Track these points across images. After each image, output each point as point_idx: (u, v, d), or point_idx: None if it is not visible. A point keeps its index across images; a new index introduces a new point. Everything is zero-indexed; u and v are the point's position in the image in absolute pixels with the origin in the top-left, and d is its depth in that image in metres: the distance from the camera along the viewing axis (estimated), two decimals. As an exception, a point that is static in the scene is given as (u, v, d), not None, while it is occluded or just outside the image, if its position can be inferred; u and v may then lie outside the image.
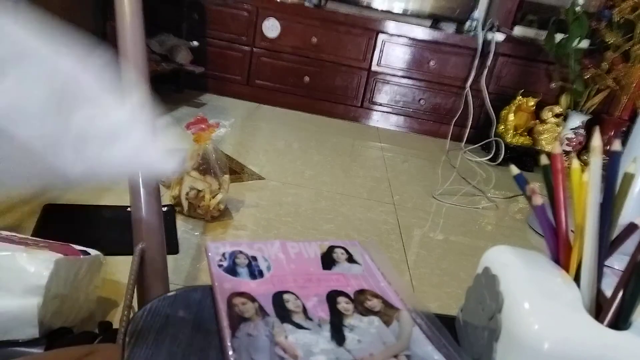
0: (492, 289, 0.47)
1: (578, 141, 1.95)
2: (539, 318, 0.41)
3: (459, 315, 0.63)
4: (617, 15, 1.77)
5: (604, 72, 1.84)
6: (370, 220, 1.09)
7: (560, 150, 0.46)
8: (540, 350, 0.39)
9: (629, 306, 0.41)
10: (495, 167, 1.84)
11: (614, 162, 0.41)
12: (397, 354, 0.48)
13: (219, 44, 2.08)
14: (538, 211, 0.46)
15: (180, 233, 0.86)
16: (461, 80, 2.08)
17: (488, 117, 2.04)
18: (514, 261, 0.48)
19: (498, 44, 1.97)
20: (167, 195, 0.96)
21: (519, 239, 1.18)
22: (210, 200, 0.91)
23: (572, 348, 0.39)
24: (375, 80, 2.13)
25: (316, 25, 2.04)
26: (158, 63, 1.75)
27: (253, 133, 1.68)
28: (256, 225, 0.96)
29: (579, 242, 0.43)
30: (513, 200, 1.46)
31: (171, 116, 1.66)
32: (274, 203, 1.09)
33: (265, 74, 2.12)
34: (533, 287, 0.44)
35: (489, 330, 0.46)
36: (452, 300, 0.79)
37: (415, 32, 2.04)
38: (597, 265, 0.42)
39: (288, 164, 1.40)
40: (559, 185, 0.44)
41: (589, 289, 0.43)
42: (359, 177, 1.42)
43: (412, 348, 0.49)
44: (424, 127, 2.18)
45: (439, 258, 0.97)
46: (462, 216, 1.25)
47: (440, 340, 0.52)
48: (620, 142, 0.43)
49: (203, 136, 0.93)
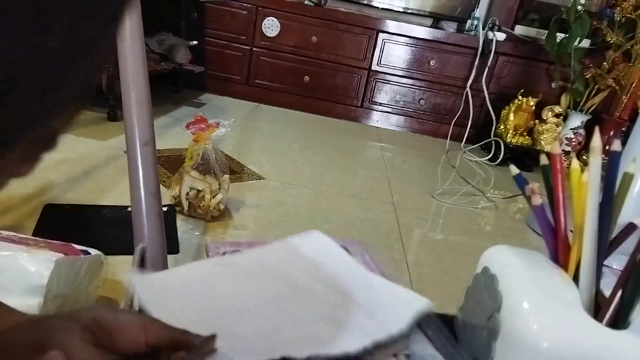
0: (491, 288, 0.47)
1: (578, 141, 1.95)
2: (538, 317, 0.41)
3: (458, 315, 0.63)
4: (619, 14, 1.77)
5: (604, 71, 1.84)
6: (370, 220, 1.09)
7: (559, 150, 0.46)
8: (539, 349, 0.39)
9: (627, 306, 0.41)
10: (494, 167, 1.84)
11: (614, 162, 0.41)
12: (396, 353, 0.48)
13: (218, 43, 2.08)
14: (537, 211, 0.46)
15: (181, 233, 0.86)
16: (461, 80, 2.08)
17: (488, 117, 2.04)
18: (513, 261, 0.48)
19: (499, 43, 1.97)
20: (167, 195, 0.96)
21: (518, 239, 1.18)
22: (211, 200, 0.92)
23: (571, 347, 0.39)
24: (375, 79, 2.13)
25: (316, 24, 2.04)
26: (157, 62, 1.75)
27: (253, 133, 1.68)
28: (256, 225, 0.96)
29: (578, 242, 0.43)
30: (512, 200, 1.46)
31: (171, 116, 1.66)
32: (274, 203, 1.09)
33: (265, 74, 2.12)
34: (532, 286, 0.44)
35: (488, 329, 0.46)
36: (452, 300, 0.79)
37: (415, 31, 2.04)
38: (596, 265, 0.42)
39: (288, 163, 1.40)
40: (558, 185, 0.44)
41: (588, 288, 0.43)
42: (359, 177, 1.42)
43: (412, 347, 0.49)
44: (424, 127, 2.18)
45: (438, 258, 0.97)
46: (461, 216, 1.25)
47: (439, 339, 0.53)
48: (620, 142, 0.43)
49: (203, 136, 0.93)
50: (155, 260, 0.61)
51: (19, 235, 0.63)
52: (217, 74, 2.12)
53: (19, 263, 0.53)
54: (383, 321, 0.43)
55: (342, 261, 0.56)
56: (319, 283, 0.50)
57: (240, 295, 0.46)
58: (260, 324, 0.41)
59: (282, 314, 0.43)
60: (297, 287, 0.49)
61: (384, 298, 0.48)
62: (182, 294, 0.44)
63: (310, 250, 0.57)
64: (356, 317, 0.44)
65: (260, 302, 0.45)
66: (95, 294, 0.64)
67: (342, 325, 0.42)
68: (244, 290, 0.46)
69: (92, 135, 1.28)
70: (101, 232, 0.79)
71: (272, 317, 0.43)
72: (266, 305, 0.44)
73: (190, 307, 0.42)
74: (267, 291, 0.47)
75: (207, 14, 2.04)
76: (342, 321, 0.43)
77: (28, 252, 0.55)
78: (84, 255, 0.63)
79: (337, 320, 0.43)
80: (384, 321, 0.43)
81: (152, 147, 0.63)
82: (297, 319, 0.43)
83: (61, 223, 0.79)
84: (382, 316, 0.44)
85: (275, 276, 0.50)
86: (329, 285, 0.50)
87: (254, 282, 0.48)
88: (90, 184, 0.98)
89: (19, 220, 0.78)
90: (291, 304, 0.45)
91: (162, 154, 1.24)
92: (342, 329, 0.41)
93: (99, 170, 1.06)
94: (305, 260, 0.55)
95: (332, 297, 0.47)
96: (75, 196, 0.91)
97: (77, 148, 1.16)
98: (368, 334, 0.41)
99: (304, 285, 0.49)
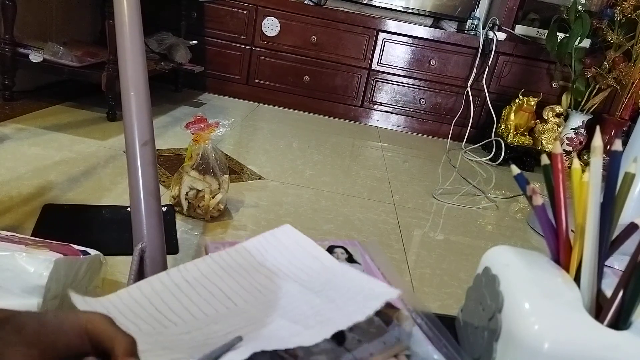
0: (492, 289, 0.47)
1: (579, 141, 1.94)
2: (539, 318, 0.41)
3: (459, 315, 0.63)
4: (619, 14, 1.76)
5: (605, 71, 1.84)
6: (370, 220, 1.09)
7: (560, 150, 0.46)
8: (541, 350, 0.39)
9: (629, 306, 0.41)
10: (495, 167, 1.83)
11: (615, 162, 0.41)
12: (397, 353, 0.48)
13: (218, 42, 2.08)
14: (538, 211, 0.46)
15: (180, 233, 0.86)
16: (462, 79, 2.08)
17: (489, 117, 2.04)
18: (514, 261, 0.48)
19: (499, 43, 1.97)
20: (166, 195, 0.96)
21: (519, 239, 1.18)
22: (210, 200, 0.91)
23: (573, 348, 0.39)
24: (376, 79, 2.13)
25: (316, 24, 2.04)
26: (157, 62, 1.74)
27: (252, 133, 1.68)
28: (256, 225, 0.96)
29: (579, 242, 0.42)
30: (513, 200, 1.45)
31: (170, 116, 1.66)
32: (273, 203, 1.08)
33: (264, 73, 2.12)
34: (533, 287, 0.44)
35: (489, 330, 0.46)
36: (453, 301, 0.79)
37: (416, 30, 2.04)
38: (597, 266, 0.42)
39: (288, 163, 1.40)
40: (559, 185, 0.44)
41: (589, 289, 0.42)
42: (359, 177, 1.42)
43: (413, 348, 0.49)
44: (425, 127, 2.18)
45: (439, 258, 0.97)
46: (462, 216, 1.25)
47: (440, 340, 0.52)
48: (620, 142, 0.42)
49: (202, 136, 0.93)
50: (154, 260, 0.61)
51: (18, 235, 0.62)
52: (217, 73, 2.11)
53: (18, 263, 0.53)
54: (350, 313, 0.43)
55: (313, 254, 0.56)
56: (289, 279, 0.50)
57: (199, 302, 0.45)
58: (215, 329, 0.41)
59: (242, 317, 0.43)
60: (264, 286, 0.49)
61: (355, 290, 0.48)
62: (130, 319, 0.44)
63: (281, 246, 0.56)
64: (324, 313, 0.44)
65: (219, 308, 0.45)
66: (94, 294, 0.63)
67: (308, 322, 0.42)
68: (204, 298, 0.46)
69: (92, 135, 1.27)
70: (100, 233, 0.79)
71: (230, 323, 0.42)
72: (227, 311, 0.44)
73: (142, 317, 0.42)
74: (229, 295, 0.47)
75: (206, 14, 2.04)
76: (307, 317, 0.43)
77: (27, 252, 0.55)
78: (83, 255, 0.62)
79: (303, 317, 0.43)
80: (351, 313, 0.43)
81: (151, 146, 0.63)
82: (258, 321, 0.43)
83: (60, 223, 0.79)
84: (352, 307, 0.44)
85: (241, 277, 0.50)
86: (299, 281, 0.50)
87: (215, 287, 0.48)
88: (90, 184, 0.98)
89: (18, 220, 0.77)
90: (254, 306, 0.45)
91: (162, 154, 1.24)
92: (308, 326, 0.41)
93: (99, 170, 1.06)
94: (275, 257, 0.55)
95: (300, 294, 0.47)
96: (75, 196, 0.91)
97: (77, 148, 1.16)
98: (332, 326, 0.41)
99: (271, 284, 0.49)
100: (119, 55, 0.60)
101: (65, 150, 1.13)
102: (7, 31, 1.31)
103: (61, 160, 1.07)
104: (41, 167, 1.00)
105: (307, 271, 0.52)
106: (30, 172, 0.97)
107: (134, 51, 0.60)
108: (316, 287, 0.48)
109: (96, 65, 1.44)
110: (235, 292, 0.47)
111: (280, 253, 0.55)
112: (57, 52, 1.40)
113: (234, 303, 0.46)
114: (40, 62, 1.35)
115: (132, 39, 0.59)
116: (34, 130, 1.21)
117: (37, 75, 1.55)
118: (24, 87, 1.47)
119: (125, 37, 0.59)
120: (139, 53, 0.60)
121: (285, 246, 0.57)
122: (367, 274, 0.52)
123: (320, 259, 0.55)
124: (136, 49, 0.60)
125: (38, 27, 1.53)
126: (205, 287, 0.48)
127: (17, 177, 0.93)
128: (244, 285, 0.49)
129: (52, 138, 1.19)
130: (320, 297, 0.46)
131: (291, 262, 0.54)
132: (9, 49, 1.32)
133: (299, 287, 0.48)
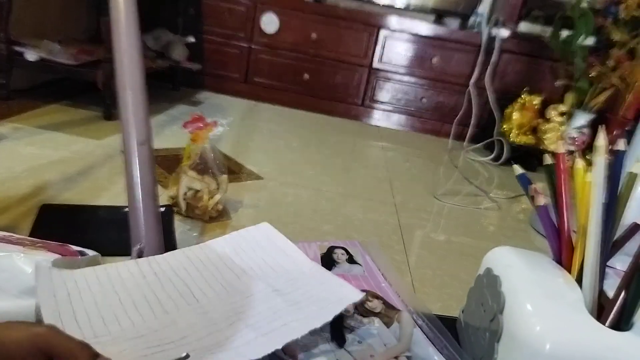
0: (493, 289, 0.47)
1: (582, 140, 1.93)
2: (541, 319, 0.40)
3: (460, 316, 0.62)
4: (624, 12, 1.75)
5: (609, 69, 1.82)
6: (370, 221, 1.08)
7: (564, 149, 0.45)
8: (542, 351, 0.39)
9: (631, 307, 0.40)
10: (498, 166, 1.82)
11: (618, 162, 0.41)
12: (398, 355, 0.48)
13: (216, 40, 2.06)
14: (541, 211, 0.46)
15: (178, 234, 0.85)
16: (464, 77, 2.07)
17: (491, 116, 2.02)
18: (516, 262, 0.47)
19: (503, 40, 1.95)
20: (164, 195, 0.95)
21: (521, 240, 1.17)
22: (209, 201, 0.91)
23: (574, 349, 0.39)
24: (377, 77, 2.12)
25: (316, 21, 2.03)
26: (154, 60, 1.73)
27: (251, 132, 1.67)
28: (256, 225, 0.95)
29: (582, 242, 0.42)
30: (516, 200, 1.45)
31: (168, 115, 1.65)
32: (273, 203, 1.08)
33: (263, 71, 2.11)
34: (535, 288, 0.43)
35: (490, 331, 0.45)
36: (454, 302, 0.78)
37: (417, 27, 2.03)
38: (599, 266, 0.41)
39: (287, 163, 1.39)
40: (562, 186, 0.43)
41: (591, 289, 0.42)
42: (360, 176, 1.41)
43: (413, 349, 0.49)
44: (426, 126, 2.17)
45: (440, 259, 0.96)
46: (463, 216, 1.24)
47: (441, 341, 0.52)
48: (624, 142, 0.42)
49: (200, 135, 0.92)
50: (152, 260, 0.61)
51: (15, 236, 0.62)
52: (215, 71, 2.10)
53: (15, 264, 0.53)
54: (309, 318, 0.43)
55: (287, 253, 0.56)
56: (257, 279, 0.50)
57: (161, 296, 0.45)
58: (169, 334, 0.41)
59: (201, 318, 0.43)
60: (230, 284, 0.48)
61: (322, 291, 0.47)
62: (89, 299, 0.43)
63: (255, 244, 0.56)
64: (284, 316, 0.43)
65: (180, 304, 0.44)
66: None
67: (264, 328, 0.41)
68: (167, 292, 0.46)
69: (88, 134, 1.27)
70: (98, 233, 0.79)
71: (189, 323, 0.42)
72: (188, 308, 0.44)
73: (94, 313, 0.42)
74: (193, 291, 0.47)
75: (204, 10, 2.03)
76: (267, 321, 0.43)
77: (25, 252, 0.55)
78: (81, 256, 0.62)
79: (262, 321, 0.43)
80: (310, 318, 0.42)
81: (149, 146, 0.63)
82: (214, 325, 0.42)
83: (58, 223, 0.78)
84: (314, 311, 0.44)
85: (209, 274, 0.50)
86: (267, 280, 0.49)
87: (180, 282, 0.48)
88: (87, 184, 0.97)
89: (15, 220, 0.77)
90: (215, 307, 0.45)
91: (159, 153, 1.24)
92: (263, 333, 0.41)
93: (96, 170, 1.06)
94: (248, 255, 0.55)
95: (264, 295, 0.47)
96: (72, 196, 0.90)
97: (73, 147, 1.16)
98: (286, 335, 0.39)
99: (238, 283, 0.49)
100: (115, 53, 0.60)
101: (61, 149, 1.13)
102: (2, 29, 1.30)
103: (58, 159, 1.06)
104: (38, 166, 1.00)
105: (278, 270, 0.52)
106: (26, 171, 0.96)
107: (131, 49, 0.59)
108: (283, 287, 0.48)
109: (92, 64, 1.42)
110: (199, 289, 0.47)
111: (254, 251, 0.55)
112: (53, 50, 1.39)
113: (196, 299, 0.45)
114: (36, 60, 1.34)
115: (129, 36, 0.58)
116: (30, 130, 1.21)
117: (33, 74, 1.54)
118: (19, 85, 1.46)
119: (122, 35, 0.58)
120: (136, 51, 0.60)
121: (260, 244, 0.56)
122: (337, 276, 0.52)
123: (293, 258, 0.54)
124: (133, 47, 0.59)
125: (33, 25, 1.52)
126: (171, 281, 0.47)
127: (14, 177, 0.93)
128: (210, 283, 0.48)
129: (48, 137, 1.19)
130: (285, 298, 0.45)
131: (264, 259, 0.53)
132: (5, 47, 1.31)
133: (266, 286, 0.48)
